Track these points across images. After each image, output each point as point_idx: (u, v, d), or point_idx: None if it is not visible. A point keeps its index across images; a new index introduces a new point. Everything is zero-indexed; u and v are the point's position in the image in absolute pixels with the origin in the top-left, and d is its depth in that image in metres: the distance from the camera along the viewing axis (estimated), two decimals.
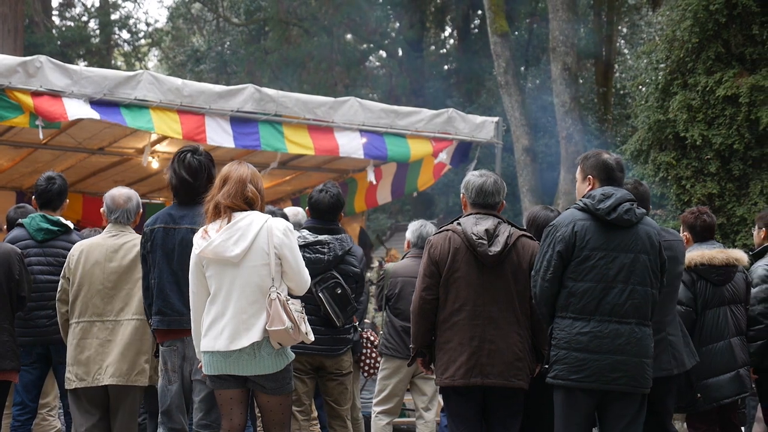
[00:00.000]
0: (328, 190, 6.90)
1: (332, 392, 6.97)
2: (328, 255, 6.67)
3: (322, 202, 6.86)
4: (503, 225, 5.72)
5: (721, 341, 6.74)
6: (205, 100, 9.38)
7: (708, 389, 6.69)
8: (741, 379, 6.75)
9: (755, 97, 12.62)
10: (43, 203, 7.23)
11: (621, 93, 26.26)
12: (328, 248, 6.69)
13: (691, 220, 7.06)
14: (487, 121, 11.38)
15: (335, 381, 6.94)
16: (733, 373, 6.72)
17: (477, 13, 30.06)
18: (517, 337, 5.63)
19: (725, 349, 6.74)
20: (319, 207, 6.87)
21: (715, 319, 6.75)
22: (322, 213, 6.87)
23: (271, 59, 29.29)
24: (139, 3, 50.60)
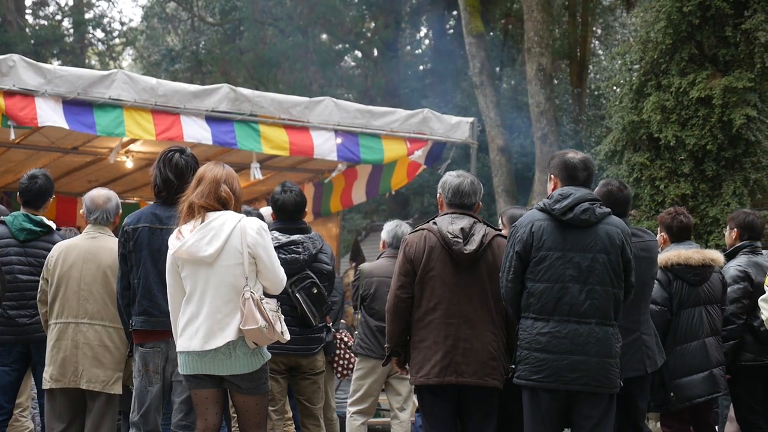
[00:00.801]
0: (290, 189, 6.89)
1: (305, 391, 6.98)
2: (304, 255, 6.67)
3: (289, 201, 6.85)
4: (479, 224, 5.74)
5: (695, 341, 6.78)
6: (179, 99, 9.36)
7: (681, 388, 6.72)
8: (714, 378, 6.79)
9: (728, 98, 12.71)
10: (25, 202, 7.19)
11: (595, 94, 26.38)
12: (302, 248, 6.69)
13: (668, 220, 7.10)
14: (462, 121, 11.40)
15: (308, 380, 6.95)
16: (707, 372, 6.76)
17: (452, 14, 30.08)
18: (491, 337, 5.65)
19: (699, 349, 6.77)
20: (286, 207, 6.85)
21: (690, 319, 6.79)
22: (289, 213, 6.86)
23: (246, 59, 29.21)
24: (114, 2, 50.34)
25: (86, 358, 6.31)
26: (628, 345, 5.72)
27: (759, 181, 13.04)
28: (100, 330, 6.37)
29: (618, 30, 28.77)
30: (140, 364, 5.83)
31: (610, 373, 5.32)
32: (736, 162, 13.03)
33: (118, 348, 6.41)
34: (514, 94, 26.60)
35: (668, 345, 6.75)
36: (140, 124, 9.12)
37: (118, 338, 6.38)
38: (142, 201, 13.57)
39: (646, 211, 13.61)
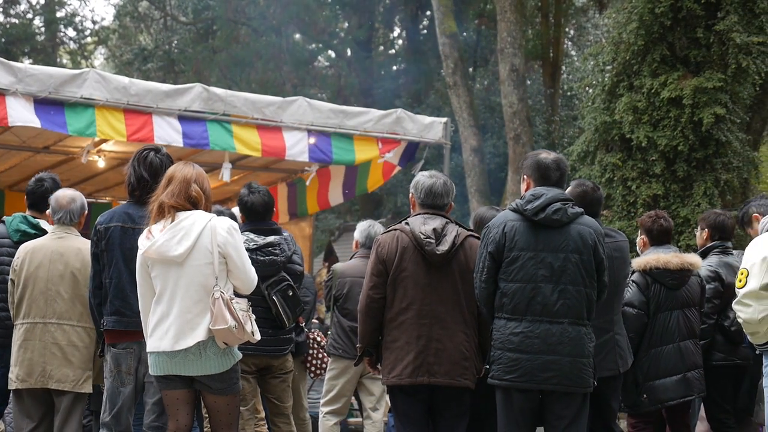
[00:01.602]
0: (257, 189, 6.88)
1: (275, 390, 6.99)
2: (281, 257, 6.67)
3: (258, 202, 6.83)
4: (451, 225, 5.75)
5: (670, 344, 6.82)
6: (152, 99, 9.32)
7: (653, 391, 6.76)
8: (687, 382, 6.82)
9: (698, 99, 12.78)
10: (30, 204, 7.14)
11: (568, 94, 26.47)
12: (279, 249, 6.69)
13: (648, 223, 7.14)
14: (435, 121, 11.41)
15: (278, 379, 6.97)
16: (680, 376, 6.80)
17: (426, 14, 30.11)
18: (463, 337, 5.66)
19: (673, 352, 6.81)
20: (255, 208, 6.83)
21: (666, 323, 6.83)
22: (259, 213, 6.84)
23: (219, 58, 29.13)
24: (85, 1, 49.96)
25: (55, 358, 6.30)
26: (601, 345, 5.75)
27: (729, 181, 13.12)
28: (68, 330, 6.35)
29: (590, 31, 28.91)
30: (112, 365, 5.80)
31: (582, 372, 5.34)
32: (707, 162, 13.10)
33: (87, 347, 6.40)
34: (488, 94, 26.66)
35: (643, 347, 6.79)
36: (112, 125, 9.07)
37: (87, 337, 6.38)
38: (114, 201, 13.50)
39: (618, 211, 13.66)
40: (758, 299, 5.69)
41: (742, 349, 7.13)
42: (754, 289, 5.69)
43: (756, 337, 5.79)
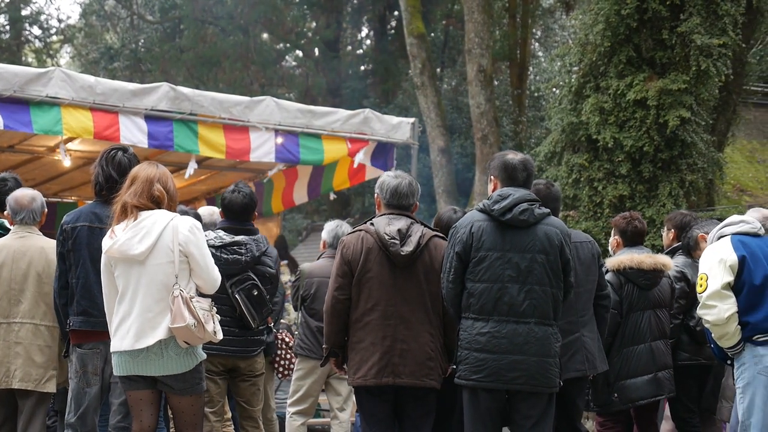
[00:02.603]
0: (240, 189, 6.86)
1: (244, 393, 6.96)
2: (246, 256, 6.64)
3: (236, 202, 6.82)
4: (416, 225, 5.75)
5: (641, 344, 6.87)
6: (118, 98, 9.26)
7: (625, 390, 6.81)
8: (658, 381, 6.88)
9: (664, 100, 12.87)
10: None
11: (535, 95, 26.57)
12: (245, 249, 6.65)
13: (622, 224, 7.19)
14: (403, 122, 11.41)
15: (248, 382, 6.93)
16: (651, 375, 6.85)
17: (393, 14, 30.13)
18: (428, 337, 5.66)
19: (645, 352, 6.86)
20: (232, 207, 6.82)
21: (638, 323, 6.89)
22: (236, 213, 6.83)
23: (186, 57, 28.99)
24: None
25: (18, 358, 6.25)
26: (566, 345, 5.78)
27: (694, 182, 13.23)
28: (32, 329, 6.31)
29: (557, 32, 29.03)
30: (78, 365, 5.77)
31: (549, 372, 5.37)
32: (672, 163, 13.20)
33: (50, 347, 6.36)
34: (455, 95, 26.71)
35: (615, 347, 6.84)
36: (79, 122, 9.00)
37: (50, 337, 6.34)
38: (80, 200, 13.41)
39: (585, 212, 13.74)
40: (722, 299, 5.76)
41: (707, 349, 7.18)
42: (716, 289, 5.76)
43: (726, 339, 5.84)
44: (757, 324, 5.77)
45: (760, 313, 5.77)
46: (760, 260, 5.85)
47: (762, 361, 5.76)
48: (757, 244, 5.95)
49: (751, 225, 6.08)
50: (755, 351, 5.79)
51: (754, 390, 5.78)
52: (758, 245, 5.95)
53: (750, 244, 5.92)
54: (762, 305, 5.77)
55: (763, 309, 5.77)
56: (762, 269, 5.82)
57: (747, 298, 5.79)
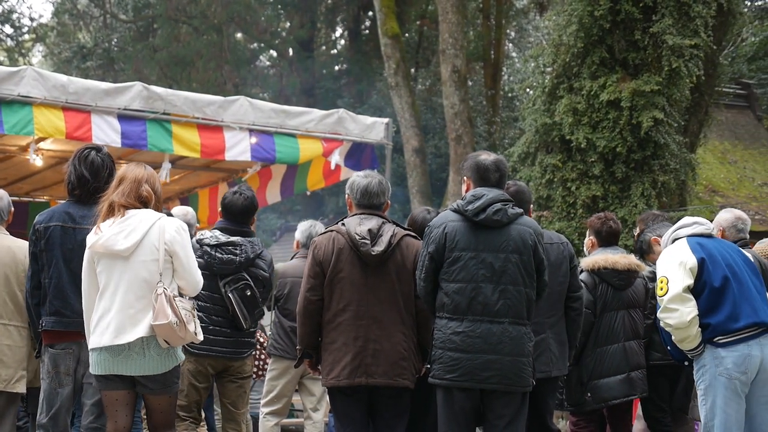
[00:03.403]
0: (242, 192, 6.86)
1: (231, 395, 6.95)
2: (240, 257, 6.63)
3: (236, 204, 6.81)
4: (387, 225, 5.75)
5: (615, 344, 6.90)
6: (91, 97, 9.20)
7: (598, 389, 6.83)
8: (631, 381, 6.91)
9: (636, 101, 12.96)
10: None
11: (509, 96, 26.67)
12: (240, 250, 6.65)
13: (597, 225, 7.22)
14: (377, 122, 11.40)
15: (235, 383, 6.92)
16: (624, 375, 6.88)
17: (368, 15, 30.16)
18: (401, 337, 5.66)
19: (618, 351, 6.90)
20: (232, 209, 6.82)
21: (611, 323, 6.92)
22: (235, 215, 6.82)
23: (159, 57, 28.88)
24: None
25: None
26: (533, 346, 5.79)
27: (667, 183, 13.32)
28: (0, 329, 6.25)
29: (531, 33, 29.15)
30: (50, 366, 5.73)
31: (522, 372, 5.38)
32: (645, 164, 13.29)
33: (20, 347, 6.32)
34: (429, 95, 26.76)
35: (589, 347, 6.87)
36: (51, 122, 8.94)
37: (19, 337, 6.30)
38: (52, 200, 13.32)
39: (558, 212, 13.81)
40: (683, 302, 5.79)
41: None
42: (677, 292, 5.80)
43: (687, 342, 5.88)
44: (717, 326, 5.80)
45: (721, 315, 5.80)
46: (718, 262, 5.88)
47: (722, 363, 5.80)
48: (713, 246, 5.99)
49: (704, 226, 6.13)
50: (716, 353, 5.83)
51: (715, 392, 5.82)
52: (715, 246, 5.99)
53: (707, 246, 5.95)
54: (722, 307, 5.81)
55: (723, 311, 5.80)
56: (721, 271, 5.85)
57: (707, 300, 5.83)
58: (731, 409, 5.77)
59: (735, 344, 5.78)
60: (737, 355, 5.77)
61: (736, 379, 5.76)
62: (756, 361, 5.79)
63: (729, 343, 5.78)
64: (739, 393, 5.78)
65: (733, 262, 5.94)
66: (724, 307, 5.80)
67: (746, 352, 5.77)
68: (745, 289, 5.87)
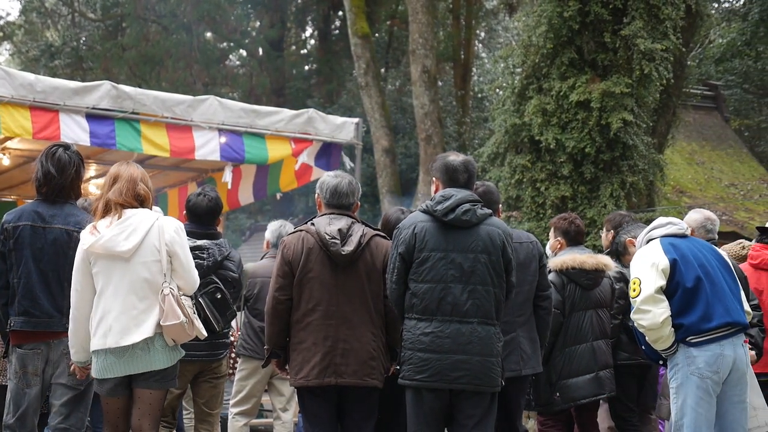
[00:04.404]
0: (206, 194, 6.84)
1: (205, 395, 6.94)
2: (208, 261, 6.60)
3: (200, 206, 6.78)
4: (357, 225, 5.76)
5: (583, 344, 6.94)
6: (59, 96, 9.14)
7: (566, 389, 6.86)
8: (599, 380, 6.94)
9: (606, 102, 13.02)
10: None
11: (479, 96, 26.75)
12: (207, 254, 6.62)
13: (564, 225, 7.25)
14: (347, 122, 11.40)
15: (210, 384, 6.93)
16: (592, 375, 6.91)
17: (338, 14, 30.14)
18: (371, 336, 5.67)
19: (586, 351, 6.93)
20: (197, 211, 6.78)
21: (579, 322, 6.95)
22: (200, 217, 6.79)
23: (128, 56, 28.73)
24: None
25: None
26: (503, 345, 5.80)
27: (635, 183, 13.40)
28: None
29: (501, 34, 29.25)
30: (17, 366, 5.70)
31: (491, 372, 5.40)
32: (614, 165, 13.36)
33: None
34: (399, 95, 26.79)
35: (557, 347, 6.90)
36: (18, 122, 8.87)
37: None
38: (19, 199, 13.21)
39: (528, 212, 13.85)
40: (655, 303, 5.82)
41: None
42: (649, 293, 5.82)
43: (660, 342, 5.91)
44: (690, 326, 5.84)
45: (693, 315, 5.83)
46: (690, 262, 5.91)
47: (694, 362, 5.84)
48: (686, 246, 6.01)
49: (678, 226, 6.15)
50: (688, 352, 5.86)
51: (686, 391, 5.86)
52: (688, 247, 6.01)
53: (680, 246, 5.98)
54: (695, 307, 5.84)
55: (696, 311, 5.84)
56: (693, 271, 5.88)
57: (680, 300, 5.86)
58: (702, 408, 5.81)
59: (707, 344, 5.81)
60: (709, 354, 5.81)
61: (707, 379, 5.80)
62: (728, 360, 5.83)
63: (701, 342, 5.82)
64: (710, 392, 5.82)
65: (707, 262, 5.97)
66: (697, 308, 5.83)
67: (718, 351, 5.81)
68: (718, 288, 5.90)
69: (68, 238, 5.67)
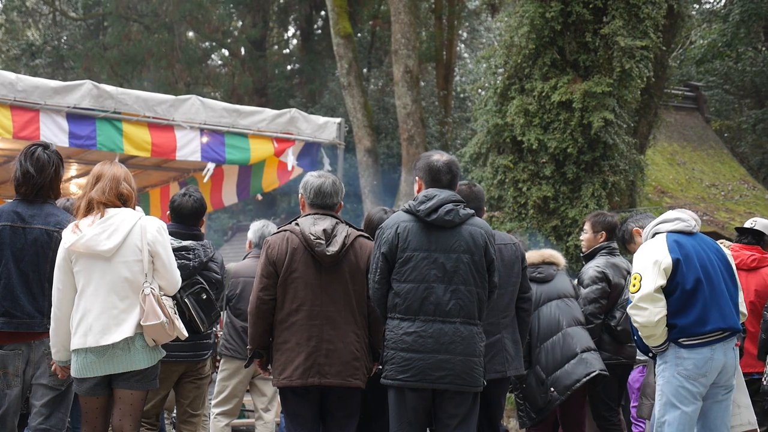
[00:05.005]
0: (191, 194, 6.80)
1: (188, 395, 6.92)
2: (194, 261, 6.57)
3: (186, 206, 6.75)
4: (341, 225, 5.76)
5: (557, 333, 6.97)
6: (40, 95, 9.10)
7: (558, 380, 6.86)
8: (585, 361, 6.92)
9: (587, 102, 13.05)
10: None
11: (461, 96, 26.79)
12: (193, 254, 6.59)
13: None
14: (329, 121, 11.39)
15: (194, 384, 6.90)
16: (576, 358, 6.92)
17: (320, 14, 30.12)
18: (354, 337, 5.67)
19: (562, 339, 6.95)
20: (182, 212, 6.75)
21: (548, 314, 6.99)
22: (185, 218, 6.75)
23: (110, 55, 28.63)
24: None
25: None
26: (488, 346, 5.82)
27: (617, 183, 13.44)
28: None
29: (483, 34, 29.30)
30: None
31: (474, 371, 5.41)
32: (595, 165, 13.39)
33: None
34: (382, 95, 26.79)
35: (534, 344, 6.92)
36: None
37: None
38: (0, 199, 13.17)
39: (510, 212, 13.87)
40: (653, 302, 5.83)
41: (627, 348, 7.30)
42: (648, 292, 5.83)
43: (653, 339, 5.93)
44: (684, 327, 5.85)
45: (689, 317, 5.84)
46: (693, 263, 5.90)
47: (683, 363, 5.86)
48: (691, 245, 5.99)
49: (686, 223, 6.10)
50: (679, 353, 5.88)
51: (671, 389, 5.88)
52: (693, 246, 5.99)
53: (685, 245, 5.96)
54: (692, 309, 5.85)
55: (692, 313, 5.84)
56: (694, 273, 5.87)
57: (678, 301, 5.86)
58: (685, 407, 5.84)
59: (699, 347, 5.84)
60: (699, 357, 5.83)
61: (694, 380, 5.83)
62: (718, 364, 5.85)
63: (693, 345, 5.84)
64: (695, 393, 5.84)
65: (709, 263, 5.96)
66: (694, 310, 5.84)
67: (709, 355, 5.83)
68: (717, 292, 5.90)
69: (48, 239, 5.65)
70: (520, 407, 7.12)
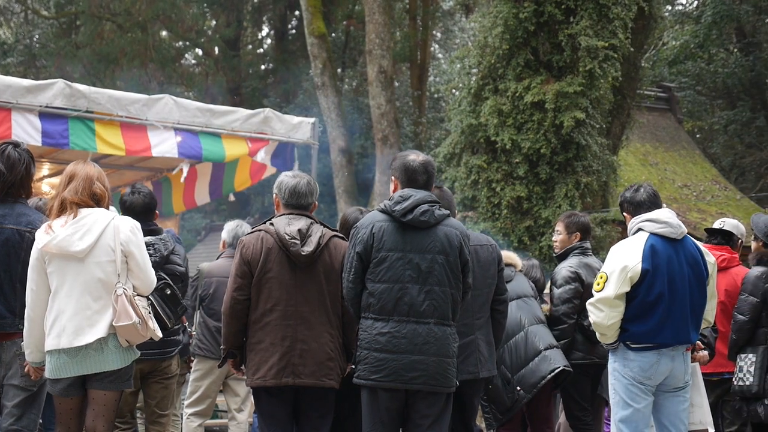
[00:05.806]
0: (139, 190, 6.78)
1: (156, 395, 6.89)
2: (155, 257, 6.54)
3: (137, 203, 6.73)
4: (316, 225, 5.76)
5: (520, 332, 7.01)
6: (12, 94, 9.05)
7: (524, 379, 6.90)
8: (547, 358, 6.97)
9: (560, 103, 13.12)
10: None
11: (435, 97, 26.83)
12: (153, 250, 6.56)
13: None
14: (303, 121, 11.39)
15: (161, 384, 6.88)
16: (539, 356, 6.96)
17: (294, 14, 30.08)
18: (328, 337, 5.67)
19: (525, 338, 7.00)
20: (134, 209, 6.72)
21: (510, 314, 6.98)
22: (138, 215, 6.71)
23: (82, 54, 28.45)
24: None
25: None
26: (462, 347, 5.83)
27: (589, 184, 13.51)
28: None
29: (457, 34, 29.35)
30: None
31: (447, 372, 5.42)
32: (569, 165, 13.45)
33: None
34: (356, 95, 26.79)
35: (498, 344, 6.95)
36: None
37: None
38: None
39: (483, 213, 13.91)
40: (611, 307, 5.89)
41: (600, 348, 7.31)
42: (609, 296, 5.89)
43: (604, 338, 6.05)
44: (636, 334, 5.92)
45: (642, 327, 5.90)
46: (661, 276, 5.89)
47: (629, 365, 5.96)
48: (667, 255, 5.95)
49: (672, 229, 6.02)
50: (626, 354, 5.97)
51: (621, 388, 6.02)
52: (668, 256, 5.96)
53: (660, 254, 5.93)
54: (647, 320, 5.89)
55: (647, 324, 5.89)
56: (660, 286, 5.88)
57: (636, 308, 5.91)
58: (636, 404, 5.96)
59: (645, 351, 5.93)
60: (645, 361, 5.93)
61: (639, 383, 5.92)
62: (664, 369, 5.93)
63: (639, 349, 5.93)
64: (644, 390, 5.96)
65: (678, 276, 5.95)
66: (649, 321, 5.89)
67: (655, 359, 5.91)
68: (677, 307, 5.92)
69: (20, 239, 5.60)
70: (485, 409, 7.15)
